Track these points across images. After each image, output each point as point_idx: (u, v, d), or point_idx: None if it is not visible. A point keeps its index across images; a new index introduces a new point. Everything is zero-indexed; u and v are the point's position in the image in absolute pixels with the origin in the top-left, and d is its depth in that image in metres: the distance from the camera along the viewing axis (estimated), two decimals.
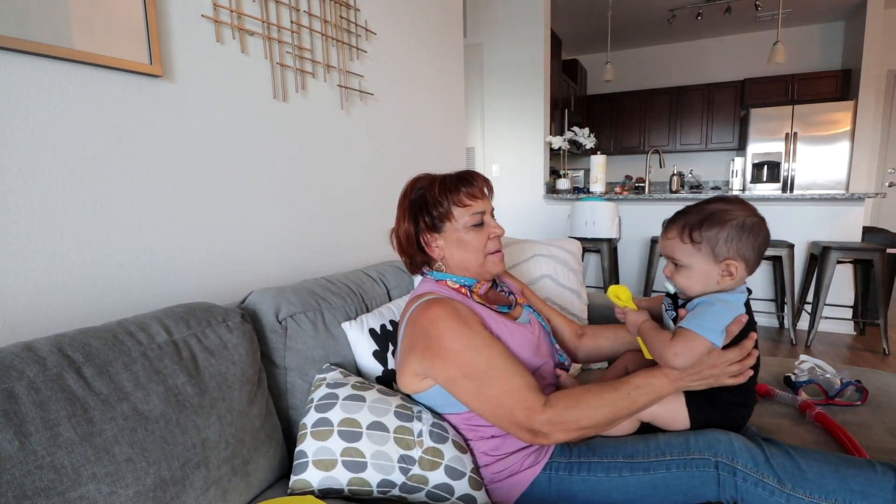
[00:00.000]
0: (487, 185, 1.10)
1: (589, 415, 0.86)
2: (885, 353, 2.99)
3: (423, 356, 0.94)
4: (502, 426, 0.90)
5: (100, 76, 0.95)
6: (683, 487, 0.86)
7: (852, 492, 0.78)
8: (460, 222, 1.05)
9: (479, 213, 1.06)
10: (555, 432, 0.85)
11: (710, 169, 6.30)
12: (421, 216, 1.06)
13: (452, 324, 0.92)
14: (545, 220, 4.29)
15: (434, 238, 1.07)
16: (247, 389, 0.89)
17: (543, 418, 0.85)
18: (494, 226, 1.09)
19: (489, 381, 0.89)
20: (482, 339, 0.92)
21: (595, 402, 0.87)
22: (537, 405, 0.86)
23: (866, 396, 1.24)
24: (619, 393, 0.88)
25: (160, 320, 0.83)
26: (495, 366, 0.89)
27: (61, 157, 0.89)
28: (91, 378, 0.68)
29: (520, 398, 0.87)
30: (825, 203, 3.39)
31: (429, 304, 0.97)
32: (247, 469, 0.84)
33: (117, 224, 0.98)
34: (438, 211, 1.05)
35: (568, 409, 0.86)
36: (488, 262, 1.07)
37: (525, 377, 0.90)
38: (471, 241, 1.05)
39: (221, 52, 1.19)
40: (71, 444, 0.62)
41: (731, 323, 0.89)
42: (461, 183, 1.05)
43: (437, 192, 1.05)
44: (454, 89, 2.38)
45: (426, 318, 0.95)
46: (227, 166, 1.22)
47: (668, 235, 0.96)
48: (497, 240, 1.09)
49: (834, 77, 5.34)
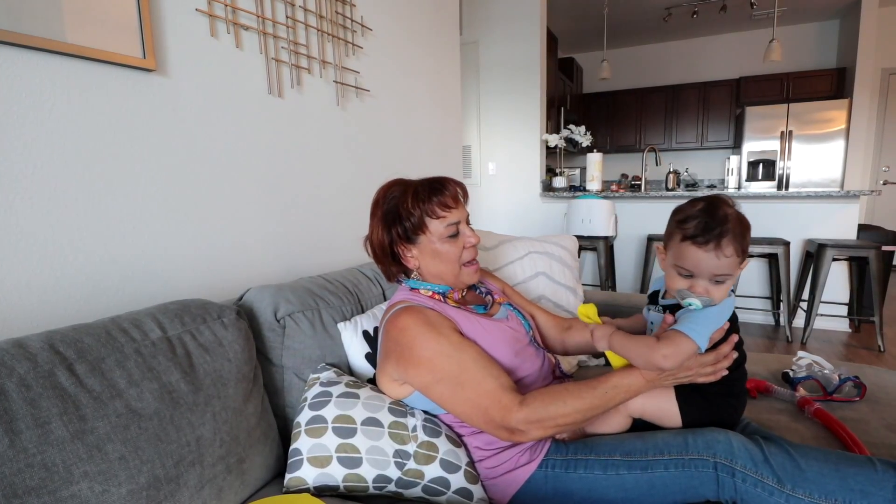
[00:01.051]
0: (462, 192, 1.08)
1: (565, 412, 0.87)
2: (880, 350, 3.00)
3: (398, 364, 0.95)
4: (480, 426, 0.91)
5: (92, 70, 0.93)
6: (682, 487, 0.86)
7: (852, 491, 0.77)
8: (435, 234, 1.03)
9: (453, 223, 1.03)
10: (531, 430, 0.86)
11: (706, 167, 6.31)
12: (394, 227, 1.04)
13: (422, 331, 0.93)
14: (541, 218, 4.29)
15: (408, 248, 1.06)
16: (242, 387, 0.88)
17: (520, 416, 0.86)
18: (469, 235, 1.06)
19: (463, 385, 0.90)
20: (453, 345, 0.93)
21: (571, 400, 0.88)
22: (513, 404, 0.87)
23: (864, 392, 1.24)
24: (597, 392, 0.89)
25: (154, 317, 0.82)
26: (467, 370, 0.90)
27: (53, 152, 0.88)
28: (83, 375, 0.67)
29: (494, 399, 0.88)
30: (820, 201, 3.40)
31: (399, 313, 0.98)
32: (242, 467, 0.83)
33: (110, 220, 0.97)
34: (412, 223, 1.02)
35: (545, 407, 0.87)
36: (463, 274, 1.07)
37: (499, 378, 0.91)
38: (446, 252, 1.04)
39: (216, 47, 1.18)
40: (62, 442, 0.61)
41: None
42: (434, 193, 1.02)
43: (409, 204, 1.01)
44: (450, 87, 2.37)
45: (396, 328, 0.96)
46: (222, 162, 1.21)
47: (725, 253, 0.86)
48: (472, 249, 1.07)
49: (829, 75, 5.36)
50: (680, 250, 0.89)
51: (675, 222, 0.91)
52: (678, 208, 0.94)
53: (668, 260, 0.93)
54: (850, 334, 3.39)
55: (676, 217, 0.92)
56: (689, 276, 0.89)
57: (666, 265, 0.95)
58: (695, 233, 0.87)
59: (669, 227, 0.93)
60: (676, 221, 0.91)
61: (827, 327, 3.48)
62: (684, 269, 0.89)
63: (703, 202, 0.91)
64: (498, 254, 1.55)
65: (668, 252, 0.93)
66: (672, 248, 0.92)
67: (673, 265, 0.91)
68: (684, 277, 0.90)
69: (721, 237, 0.85)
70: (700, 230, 0.86)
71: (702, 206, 0.90)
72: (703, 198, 0.93)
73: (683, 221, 0.89)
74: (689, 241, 0.87)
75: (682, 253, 0.89)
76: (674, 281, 0.92)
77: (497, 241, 1.59)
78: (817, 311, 3.12)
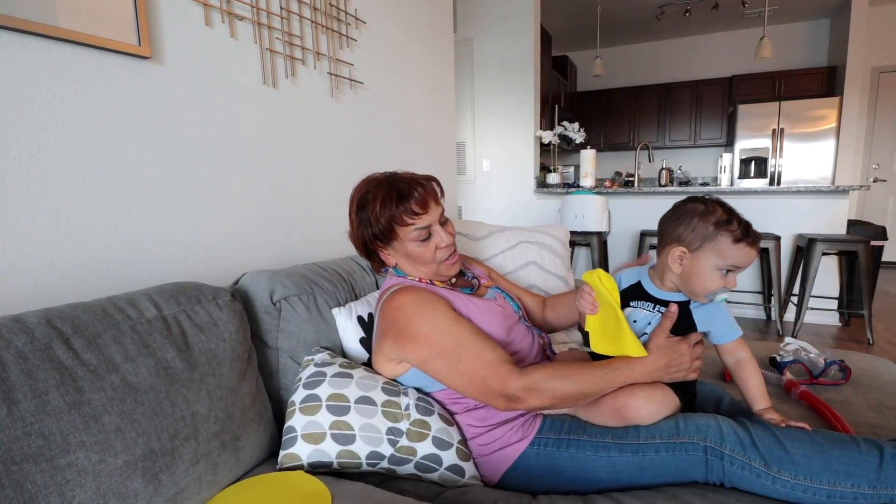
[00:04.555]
0: (432, 195, 1.05)
1: (564, 386, 0.89)
2: (869, 343, 3.04)
3: (395, 342, 0.97)
4: (477, 397, 0.93)
5: (88, 56, 0.94)
6: (671, 469, 0.88)
7: (837, 472, 0.79)
8: (406, 239, 1.02)
9: (423, 227, 1.02)
10: (529, 398, 0.88)
11: (699, 165, 6.36)
12: (366, 230, 1.04)
13: (418, 308, 0.95)
14: (536, 214, 4.31)
15: (384, 249, 1.07)
16: (237, 367, 0.89)
17: (519, 384, 0.88)
18: (442, 235, 1.04)
19: (460, 358, 0.92)
20: (449, 320, 0.95)
21: (572, 374, 0.90)
22: (512, 374, 0.89)
23: (849, 375, 1.27)
24: (598, 372, 0.91)
25: (150, 297, 0.83)
26: (464, 343, 0.92)
27: (49, 137, 0.89)
28: (80, 349, 0.68)
29: (493, 369, 0.90)
30: (811, 196, 3.44)
31: (395, 293, 1.00)
32: (237, 444, 0.84)
33: (105, 205, 0.98)
34: (380, 229, 1.02)
35: (545, 379, 0.89)
36: (442, 268, 1.07)
37: (496, 350, 0.93)
38: (419, 255, 1.04)
39: (211, 36, 1.19)
40: (59, 412, 0.62)
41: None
42: (401, 200, 1.00)
43: (378, 212, 1.01)
44: (444, 82, 2.39)
45: (392, 307, 0.98)
46: (217, 150, 1.22)
47: (757, 247, 0.93)
48: (447, 248, 1.06)
49: (819, 74, 5.41)
50: (731, 251, 0.90)
51: (712, 226, 0.91)
52: (699, 213, 0.93)
53: (700, 262, 0.92)
54: (840, 328, 3.43)
55: (710, 220, 0.91)
56: (726, 274, 0.92)
57: (695, 268, 0.93)
58: (743, 234, 0.90)
59: (702, 232, 0.91)
60: (715, 225, 0.91)
61: (817, 321, 3.52)
62: (733, 267, 0.91)
63: (717, 206, 0.93)
64: (488, 244, 1.57)
65: (703, 254, 0.92)
66: (712, 250, 0.91)
67: (714, 267, 0.91)
68: (723, 276, 0.92)
69: (757, 234, 0.92)
70: (745, 230, 0.91)
71: (721, 210, 0.92)
72: (704, 199, 0.95)
73: (725, 224, 0.90)
74: (742, 242, 0.90)
75: (732, 253, 0.90)
76: (713, 281, 0.92)
77: (487, 231, 1.61)
78: (807, 305, 3.16)
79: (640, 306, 1.00)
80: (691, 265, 0.93)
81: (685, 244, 0.93)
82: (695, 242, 0.92)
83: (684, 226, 0.93)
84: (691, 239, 0.92)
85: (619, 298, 0.96)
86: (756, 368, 0.98)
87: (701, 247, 0.91)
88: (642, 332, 0.97)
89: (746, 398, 0.99)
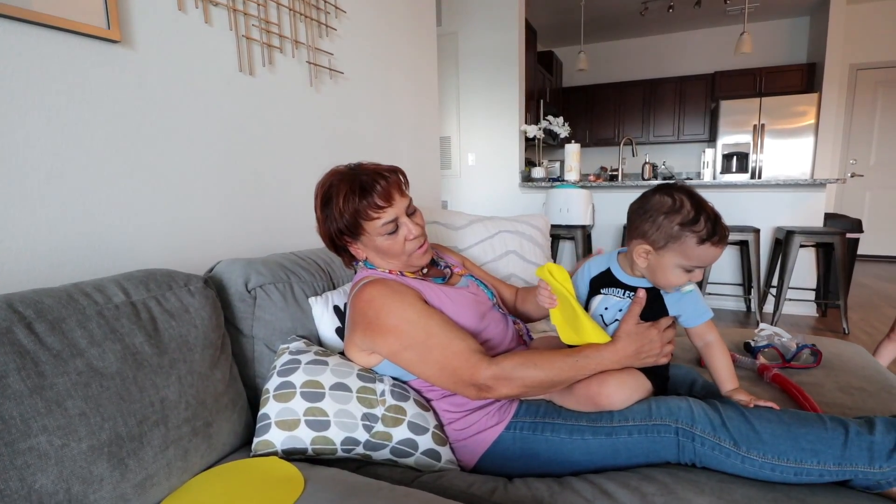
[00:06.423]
0: (396, 187, 1.02)
1: (534, 374, 0.90)
2: (845, 333, 3.10)
3: (365, 334, 0.97)
4: (448, 387, 0.93)
5: (55, 38, 0.92)
6: (644, 451, 0.89)
7: (803, 451, 0.80)
8: (373, 232, 1.01)
9: (389, 221, 1.00)
10: (499, 386, 0.89)
11: (683, 160, 6.43)
12: (333, 225, 1.02)
13: (386, 301, 0.95)
14: (520, 207, 4.33)
15: (352, 243, 1.05)
16: (209, 353, 0.88)
17: (488, 373, 0.89)
18: (410, 227, 1.02)
19: (430, 349, 0.92)
20: (418, 312, 0.95)
21: (542, 362, 0.91)
22: (481, 363, 0.90)
23: (820, 359, 1.29)
24: (568, 360, 0.91)
25: (118, 283, 0.82)
26: (434, 335, 0.93)
27: (13, 121, 0.87)
28: (42, 333, 0.67)
29: (463, 358, 0.91)
30: (789, 189, 3.49)
31: (364, 286, 1.00)
32: (209, 431, 0.83)
33: (74, 191, 0.96)
34: (345, 224, 1.01)
35: (514, 368, 0.90)
36: (412, 259, 1.06)
37: (466, 340, 0.93)
38: (388, 248, 1.02)
39: (184, 21, 1.17)
40: (20, 396, 0.61)
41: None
42: (363, 195, 0.98)
43: (342, 207, 0.99)
44: (428, 75, 2.38)
45: (362, 300, 0.98)
46: (192, 137, 1.20)
47: (724, 245, 0.90)
48: (416, 239, 1.04)
49: (799, 70, 5.50)
50: (695, 252, 0.88)
51: (677, 226, 0.88)
52: (665, 210, 0.90)
53: (664, 260, 0.91)
54: (818, 318, 3.50)
55: (675, 219, 0.88)
56: (690, 271, 0.91)
57: (660, 265, 0.92)
58: (709, 234, 0.87)
59: (667, 231, 0.89)
60: (680, 225, 0.88)
61: (795, 312, 3.59)
62: (696, 266, 0.90)
63: (685, 200, 0.89)
64: (468, 233, 1.57)
65: (667, 253, 0.90)
66: (676, 251, 0.89)
67: (677, 265, 0.90)
68: (687, 272, 0.91)
69: (725, 230, 0.89)
70: (711, 231, 0.87)
71: (690, 204, 0.89)
72: (670, 188, 0.91)
73: (690, 224, 0.87)
74: (707, 242, 0.87)
75: (696, 254, 0.88)
76: (676, 277, 0.91)
77: (467, 220, 1.61)
78: (786, 297, 3.22)
79: (611, 293, 1.00)
80: (656, 262, 0.92)
81: (650, 242, 0.91)
82: (659, 241, 0.90)
83: (649, 223, 0.91)
84: (656, 237, 0.90)
85: (571, 289, 0.95)
86: (724, 350, 0.99)
87: (665, 246, 0.89)
88: (614, 318, 0.98)
89: (715, 379, 1.00)
